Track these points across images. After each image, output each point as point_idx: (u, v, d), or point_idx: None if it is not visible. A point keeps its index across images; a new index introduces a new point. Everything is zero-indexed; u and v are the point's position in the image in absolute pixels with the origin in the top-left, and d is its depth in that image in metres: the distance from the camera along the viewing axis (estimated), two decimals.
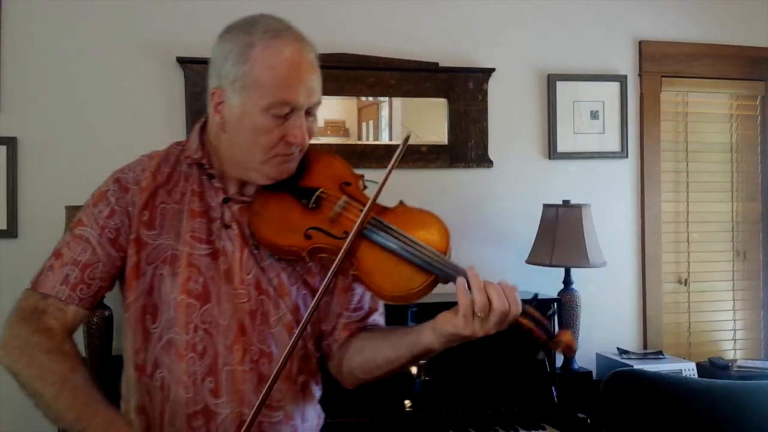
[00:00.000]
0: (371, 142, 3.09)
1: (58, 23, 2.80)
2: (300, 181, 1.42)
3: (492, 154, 3.18)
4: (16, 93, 2.77)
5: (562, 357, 2.99)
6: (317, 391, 1.51)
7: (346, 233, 1.32)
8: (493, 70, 3.17)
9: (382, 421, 2.49)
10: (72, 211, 2.58)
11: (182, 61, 2.86)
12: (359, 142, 3.06)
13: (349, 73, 3.01)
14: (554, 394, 2.68)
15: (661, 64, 3.39)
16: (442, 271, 1.29)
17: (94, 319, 2.54)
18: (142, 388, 1.37)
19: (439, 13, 3.16)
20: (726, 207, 3.53)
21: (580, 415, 2.65)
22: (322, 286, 1.32)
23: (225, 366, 1.34)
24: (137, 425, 1.35)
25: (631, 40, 3.38)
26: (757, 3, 3.54)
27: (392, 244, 1.32)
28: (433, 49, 3.13)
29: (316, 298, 1.32)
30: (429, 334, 1.32)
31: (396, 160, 1.35)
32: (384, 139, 3.10)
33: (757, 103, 3.57)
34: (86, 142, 2.82)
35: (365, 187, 1.44)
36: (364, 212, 1.33)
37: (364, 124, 3.11)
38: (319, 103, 1.38)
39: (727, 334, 3.53)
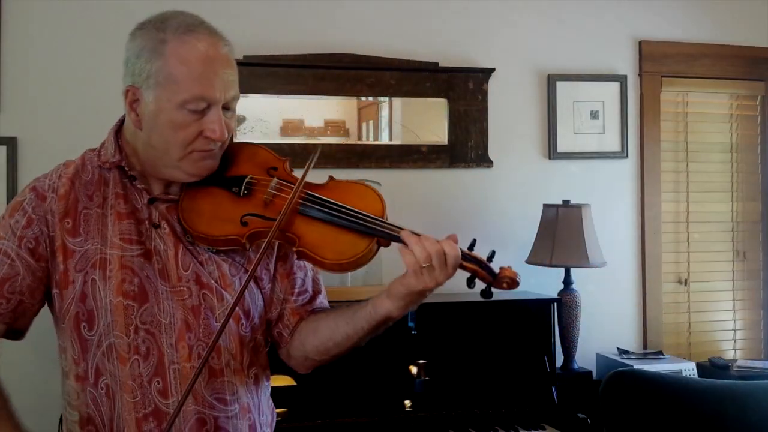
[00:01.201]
0: (371, 142, 3.09)
1: (58, 23, 2.81)
2: (226, 172, 1.41)
3: (492, 154, 3.18)
4: (16, 93, 2.77)
5: (560, 360, 2.99)
6: (269, 385, 1.50)
7: (281, 213, 1.32)
8: (493, 70, 3.17)
9: (382, 421, 2.49)
10: None
11: None
12: (359, 142, 3.06)
13: (349, 73, 3.01)
14: (554, 394, 2.67)
15: (661, 64, 3.39)
16: (382, 233, 1.32)
17: None
18: (86, 398, 1.34)
19: (439, 13, 3.16)
20: (726, 207, 3.53)
21: (580, 415, 2.65)
22: (256, 258, 1.32)
23: (172, 365, 1.32)
24: None
25: (631, 40, 3.38)
26: (757, 3, 3.54)
27: (329, 215, 1.34)
28: (433, 49, 3.13)
29: (246, 278, 1.32)
30: (386, 303, 1.33)
31: (310, 164, 1.38)
32: (384, 139, 3.10)
33: (757, 103, 3.57)
34: (86, 142, 2.79)
35: (292, 170, 1.44)
36: (295, 187, 1.33)
37: (364, 124, 3.11)
38: (236, 97, 1.36)
39: (727, 334, 3.53)
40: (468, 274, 1.33)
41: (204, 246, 1.37)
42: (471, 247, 1.36)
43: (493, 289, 1.34)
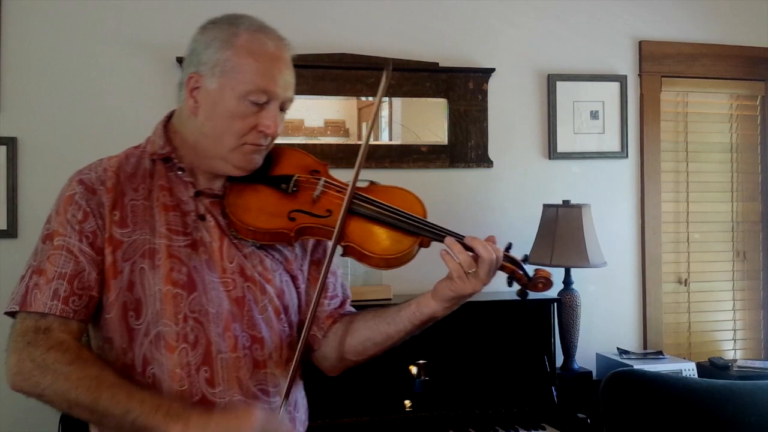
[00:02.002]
0: (371, 142, 3.09)
1: (57, 24, 2.81)
2: (270, 172, 1.46)
3: (492, 154, 3.18)
4: (16, 93, 2.77)
5: (563, 360, 3.00)
6: (302, 386, 1.53)
7: (329, 211, 1.40)
8: (493, 70, 3.17)
9: (382, 421, 2.49)
10: None
11: (182, 61, 2.86)
12: (359, 142, 3.06)
13: (349, 73, 3.01)
14: (554, 394, 2.67)
15: (661, 64, 3.39)
16: (427, 232, 1.39)
17: None
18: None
19: (439, 13, 3.16)
20: (726, 207, 3.53)
21: (580, 415, 2.65)
22: (327, 259, 1.39)
23: (219, 354, 1.34)
24: None
25: (631, 40, 3.38)
26: (757, 3, 3.54)
27: (377, 213, 1.41)
28: (433, 49, 3.13)
29: (324, 269, 1.39)
30: (431, 303, 1.38)
31: (379, 99, 1.45)
32: (384, 139, 3.10)
33: (757, 103, 3.57)
34: (86, 142, 2.82)
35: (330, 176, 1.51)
36: (350, 187, 1.40)
37: (364, 124, 3.11)
38: (292, 100, 1.42)
39: (727, 334, 3.53)
40: (506, 275, 1.41)
41: (250, 240, 1.40)
42: (508, 249, 1.42)
43: (529, 291, 1.42)
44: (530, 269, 1.43)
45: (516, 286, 1.43)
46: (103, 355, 1.36)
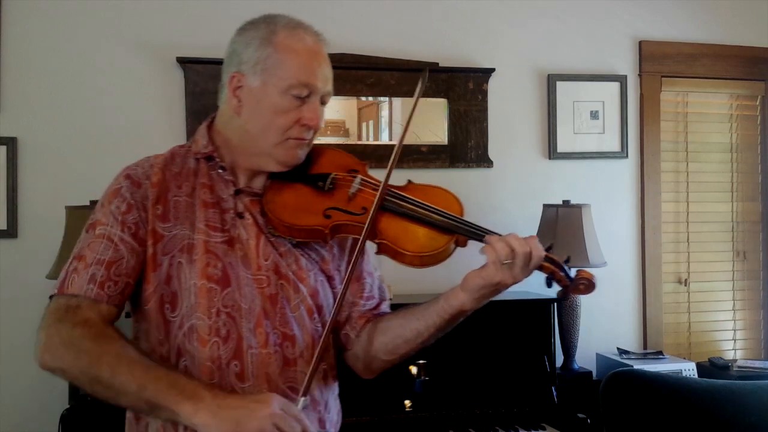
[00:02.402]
0: (371, 142, 3.09)
1: (57, 23, 2.81)
2: (309, 170, 1.47)
3: (492, 154, 3.18)
4: (16, 93, 2.77)
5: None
6: (336, 385, 1.53)
7: (365, 209, 1.40)
8: (493, 70, 3.17)
9: (382, 421, 2.49)
10: (72, 211, 2.58)
11: (182, 61, 2.86)
12: (359, 142, 3.06)
13: (349, 73, 3.01)
14: (554, 394, 2.67)
15: (661, 64, 3.39)
16: (463, 230, 1.39)
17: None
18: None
19: (439, 13, 3.16)
20: (726, 207, 3.53)
21: (580, 415, 2.65)
22: (354, 256, 1.39)
23: (250, 349, 1.35)
24: (162, 423, 1.34)
25: (631, 40, 3.38)
26: (757, 3, 3.54)
27: (411, 211, 1.41)
28: (433, 49, 3.13)
29: (349, 269, 1.39)
30: (460, 295, 1.37)
31: (415, 102, 1.46)
32: (384, 139, 3.10)
33: (757, 103, 3.57)
34: (86, 142, 2.82)
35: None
36: (382, 183, 1.41)
37: (364, 124, 3.11)
38: (331, 93, 1.45)
39: (727, 334, 3.53)
40: (545, 275, 1.39)
41: (286, 237, 1.42)
42: (549, 249, 1.41)
43: (570, 293, 1.41)
44: (572, 271, 1.41)
45: (556, 288, 1.41)
46: (141, 345, 1.39)
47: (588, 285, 1.39)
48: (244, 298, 1.36)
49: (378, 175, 1.48)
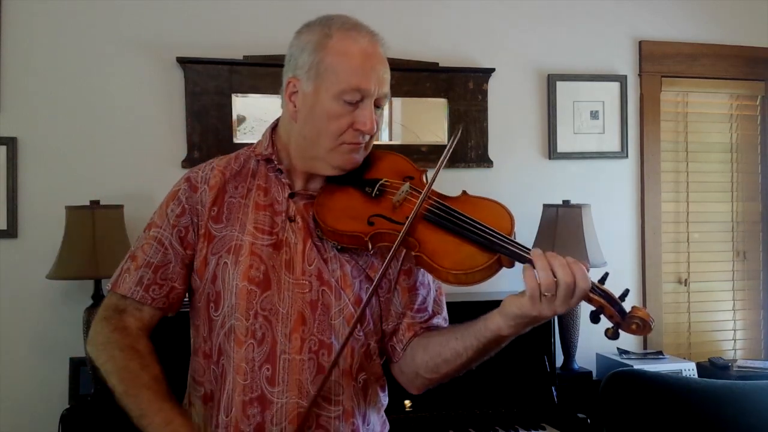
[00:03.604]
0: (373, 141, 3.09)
1: (58, 23, 2.80)
2: (364, 175, 1.46)
3: (492, 154, 3.18)
4: (16, 93, 2.77)
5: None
6: (383, 398, 1.50)
7: (408, 218, 1.34)
8: (493, 70, 3.17)
9: None
10: (72, 211, 2.58)
11: (182, 61, 2.86)
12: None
13: None
14: (554, 394, 2.68)
15: (661, 64, 3.39)
16: (506, 250, 1.28)
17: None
18: (210, 375, 1.40)
19: (439, 13, 3.16)
20: (726, 207, 3.53)
21: (580, 415, 2.65)
22: (384, 264, 1.34)
23: (282, 354, 1.35)
24: (201, 415, 1.40)
25: (631, 40, 3.38)
26: (757, 3, 3.54)
27: (452, 224, 1.34)
28: (433, 49, 3.13)
29: (377, 277, 1.35)
30: (497, 319, 1.30)
31: (450, 148, 1.41)
32: (384, 139, 3.10)
33: (757, 103, 3.57)
34: (86, 142, 2.82)
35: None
36: (423, 192, 1.36)
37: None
38: (387, 95, 1.43)
39: (727, 334, 3.53)
40: (593, 308, 1.27)
41: (331, 241, 1.40)
42: (603, 280, 1.29)
43: (621, 331, 1.27)
44: (627, 306, 1.26)
45: (606, 323, 1.27)
46: (192, 338, 1.46)
47: (642, 326, 1.24)
48: (282, 302, 1.37)
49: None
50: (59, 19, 2.80)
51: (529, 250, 1.27)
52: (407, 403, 2.55)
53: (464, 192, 1.46)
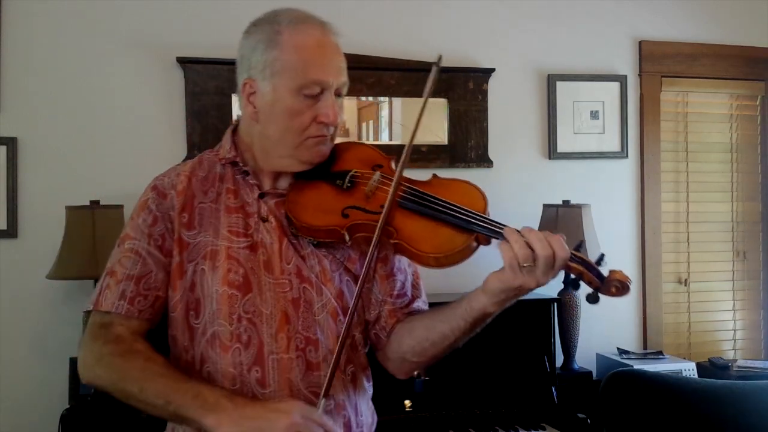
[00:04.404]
0: (371, 142, 3.09)
1: (58, 23, 2.80)
2: (332, 167, 1.45)
3: (492, 154, 3.18)
4: (16, 93, 2.77)
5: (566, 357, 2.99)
6: (369, 387, 1.52)
7: (383, 207, 1.34)
8: (493, 70, 3.17)
9: (382, 421, 2.48)
10: (72, 211, 2.59)
11: (182, 61, 2.86)
12: (359, 142, 3.06)
13: (349, 73, 2.99)
14: (554, 394, 2.67)
15: (661, 64, 3.39)
16: (481, 228, 1.31)
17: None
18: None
19: (439, 13, 3.16)
20: (726, 207, 3.53)
21: (580, 415, 2.65)
22: (368, 256, 1.33)
23: (271, 354, 1.34)
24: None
25: (631, 40, 3.38)
26: (757, 3, 3.54)
27: (428, 208, 1.34)
28: (433, 49, 3.12)
29: (363, 270, 1.35)
30: (481, 297, 1.31)
31: (427, 94, 1.43)
32: (384, 139, 3.10)
33: (757, 103, 3.57)
34: (86, 142, 2.82)
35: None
36: (395, 179, 1.36)
37: (364, 124, 3.11)
38: (346, 84, 1.43)
39: (727, 334, 3.53)
40: (573, 276, 1.30)
41: (307, 237, 1.39)
42: (578, 247, 1.33)
43: (601, 295, 1.30)
44: (605, 271, 1.30)
45: (586, 289, 1.31)
46: (171, 350, 1.42)
47: (621, 287, 1.28)
48: (265, 303, 1.36)
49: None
50: (59, 19, 2.81)
51: (504, 226, 1.30)
52: (407, 403, 2.55)
53: (435, 175, 1.46)
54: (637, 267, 3.37)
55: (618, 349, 3.17)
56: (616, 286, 1.28)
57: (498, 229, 1.30)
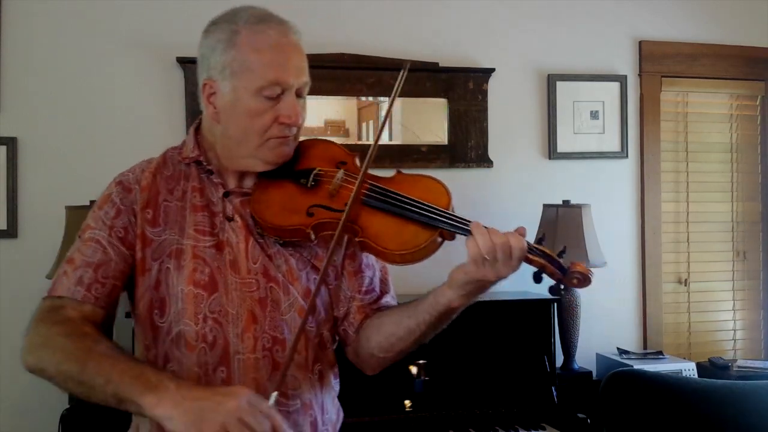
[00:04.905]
0: (371, 142, 3.08)
1: (58, 23, 2.81)
2: (296, 166, 1.44)
3: (492, 154, 3.18)
4: (16, 93, 2.77)
5: (565, 357, 3.00)
6: (336, 384, 1.51)
7: (347, 205, 1.34)
8: (493, 70, 3.17)
9: (382, 421, 2.49)
10: (72, 211, 2.58)
11: (182, 61, 2.86)
12: (359, 142, 3.06)
13: (349, 73, 3.01)
14: (554, 394, 2.67)
15: (661, 64, 3.39)
16: (446, 224, 1.32)
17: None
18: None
19: (439, 13, 3.16)
20: (726, 207, 3.53)
21: (580, 415, 2.65)
22: (327, 256, 1.34)
23: (237, 355, 1.34)
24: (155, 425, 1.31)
25: (631, 40, 3.38)
26: (757, 3, 3.54)
27: (391, 206, 1.35)
28: (433, 49, 3.13)
29: (322, 267, 1.35)
30: (446, 291, 1.32)
31: (394, 95, 1.40)
32: (384, 139, 3.10)
33: (757, 103, 3.57)
34: (86, 142, 2.82)
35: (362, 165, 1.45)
36: (359, 178, 1.36)
37: (364, 124, 3.11)
38: (308, 83, 1.41)
39: (727, 334, 3.53)
40: (535, 269, 1.32)
41: (272, 237, 1.39)
42: (539, 240, 1.35)
43: (563, 286, 1.32)
44: (566, 263, 1.33)
45: (549, 282, 1.34)
46: (135, 346, 1.41)
47: (582, 279, 1.31)
48: (231, 303, 1.35)
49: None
50: (59, 19, 2.81)
51: (469, 221, 1.31)
52: (407, 403, 2.55)
53: (399, 171, 1.46)
54: (637, 267, 3.37)
55: (618, 349, 3.17)
56: (578, 277, 1.31)
57: (464, 225, 1.31)
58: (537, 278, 1.34)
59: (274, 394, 1.23)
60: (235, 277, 1.36)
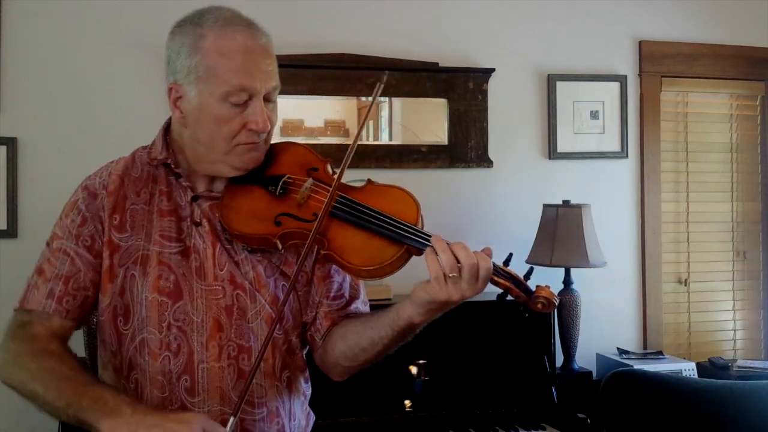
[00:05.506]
0: (371, 142, 3.09)
1: (58, 23, 2.80)
2: (267, 171, 1.40)
3: (492, 154, 3.18)
4: (16, 93, 2.76)
5: (562, 358, 3.00)
6: (306, 389, 1.49)
7: (316, 215, 1.31)
8: (493, 70, 3.17)
9: (382, 421, 2.48)
10: None
11: None
12: (359, 143, 3.06)
13: (349, 73, 3.01)
14: (554, 394, 2.67)
15: (661, 64, 3.39)
16: (413, 241, 1.28)
17: (94, 319, 2.54)
18: (122, 391, 1.34)
19: (439, 13, 3.16)
20: (726, 207, 3.53)
21: (580, 415, 2.65)
22: (295, 269, 1.32)
23: (201, 363, 1.32)
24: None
25: (631, 40, 3.38)
26: (757, 3, 3.54)
27: (360, 220, 1.31)
28: (433, 49, 3.13)
29: (291, 280, 1.32)
30: (408, 308, 1.29)
31: (371, 106, 1.36)
32: (384, 139, 3.10)
33: (757, 103, 3.57)
34: (86, 142, 2.82)
35: (334, 172, 1.42)
36: (330, 191, 1.32)
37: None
38: (277, 88, 1.36)
39: (727, 334, 3.53)
40: (500, 291, 1.29)
41: (240, 244, 1.37)
42: (507, 261, 1.31)
43: (526, 310, 1.30)
44: (532, 286, 1.30)
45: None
46: (100, 354, 1.40)
47: (546, 303, 1.28)
48: (196, 310, 1.33)
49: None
50: (59, 19, 2.80)
51: (431, 235, 1.27)
52: (407, 403, 2.55)
53: (369, 180, 1.42)
54: (637, 267, 3.37)
55: (618, 349, 3.17)
56: (542, 302, 1.28)
57: (425, 240, 1.27)
58: (500, 300, 1.31)
59: (231, 420, 1.22)
60: (201, 284, 1.34)
